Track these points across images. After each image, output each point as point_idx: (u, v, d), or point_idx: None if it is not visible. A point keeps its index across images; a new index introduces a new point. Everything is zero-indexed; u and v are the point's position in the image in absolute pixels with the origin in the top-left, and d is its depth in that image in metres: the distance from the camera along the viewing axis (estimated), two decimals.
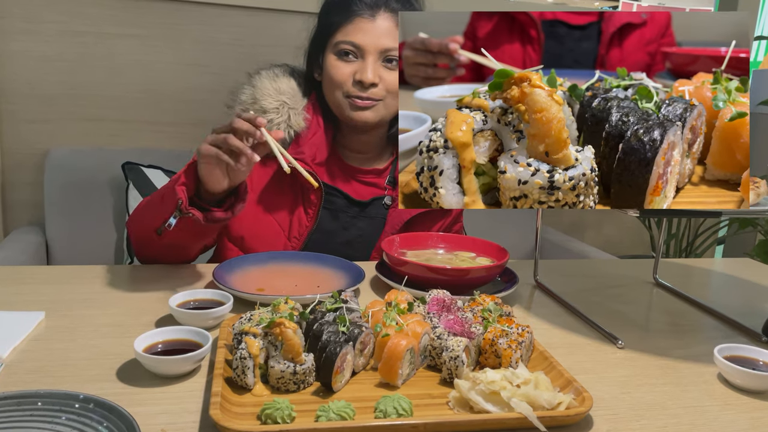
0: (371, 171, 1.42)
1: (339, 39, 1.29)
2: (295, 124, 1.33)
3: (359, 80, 1.28)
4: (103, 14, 1.98)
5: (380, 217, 1.40)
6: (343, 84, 1.30)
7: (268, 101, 1.31)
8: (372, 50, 1.28)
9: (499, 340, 0.84)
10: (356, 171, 1.41)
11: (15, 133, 1.99)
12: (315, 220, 1.34)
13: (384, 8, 1.29)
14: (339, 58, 1.30)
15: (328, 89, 1.34)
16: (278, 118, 1.31)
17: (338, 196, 1.38)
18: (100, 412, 0.64)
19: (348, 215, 1.38)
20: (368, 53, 1.28)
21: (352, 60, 1.29)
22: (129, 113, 2.06)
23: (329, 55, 1.31)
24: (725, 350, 0.90)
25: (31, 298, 1.05)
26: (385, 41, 1.28)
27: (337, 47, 1.30)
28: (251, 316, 0.84)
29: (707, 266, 1.57)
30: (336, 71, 1.30)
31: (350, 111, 1.31)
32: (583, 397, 0.76)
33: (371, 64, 1.28)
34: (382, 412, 0.71)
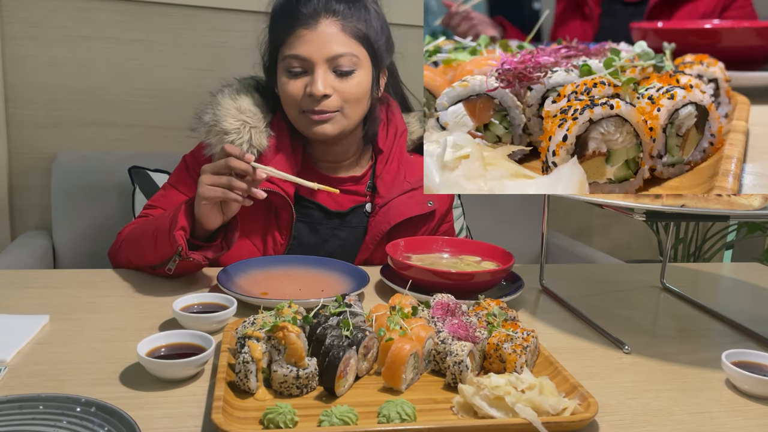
0: (348, 179, 1.39)
1: (285, 53, 1.25)
2: (257, 144, 1.28)
3: (310, 93, 1.23)
4: (109, 19, 1.98)
5: (362, 225, 1.37)
6: (296, 101, 1.26)
7: (229, 122, 1.26)
8: (319, 60, 1.23)
9: (504, 345, 0.83)
10: (333, 180, 1.37)
11: (22, 137, 2.00)
12: (289, 238, 1.32)
13: (324, 13, 1.23)
14: (288, 75, 1.26)
15: (285, 106, 1.30)
16: (239, 138, 1.26)
17: (314, 208, 1.35)
18: (102, 415, 0.64)
19: (327, 227, 1.36)
20: (316, 64, 1.23)
21: (301, 74, 1.25)
22: (136, 118, 2.07)
23: (280, 72, 1.28)
24: (733, 356, 0.89)
25: (36, 302, 1.05)
26: (332, 48, 1.23)
27: (285, 63, 1.26)
28: (254, 320, 0.84)
29: (715, 271, 1.55)
30: (287, 88, 1.26)
31: (308, 127, 1.28)
32: (588, 403, 0.75)
33: (321, 75, 1.23)
34: (386, 417, 0.71)
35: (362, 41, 1.27)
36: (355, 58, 1.25)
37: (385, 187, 1.36)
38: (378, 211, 1.35)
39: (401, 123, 1.44)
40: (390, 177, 1.37)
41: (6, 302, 1.04)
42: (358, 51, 1.26)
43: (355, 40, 1.26)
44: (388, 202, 1.35)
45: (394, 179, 1.37)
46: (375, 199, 1.37)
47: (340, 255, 1.34)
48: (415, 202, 1.37)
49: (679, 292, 1.28)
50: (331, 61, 1.23)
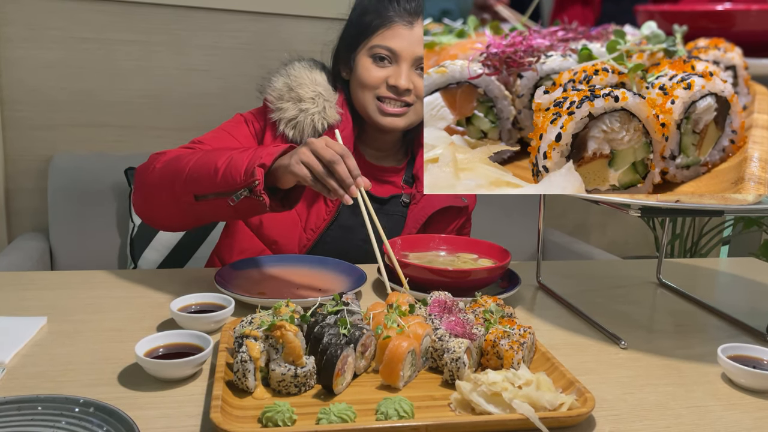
0: (389, 169, 1.43)
1: (375, 43, 1.30)
2: (330, 116, 1.33)
3: (394, 85, 1.29)
4: (105, 20, 1.98)
5: (398, 215, 1.41)
6: (375, 87, 1.31)
7: (305, 90, 1.31)
8: (408, 57, 1.29)
9: (501, 342, 0.84)
10: (375, 168, 1.42)
11: (19, 139, 2.00)
12: (334, 213, 1.35)
13: (419, 16, 1.30)
14: (374, 61, 1.30)
15: (357, 90, 1.34)
16: (314, 107, 1.31)
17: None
18: (100, 416, 0.64)
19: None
20: (403, 60, 1.29)
21: (386, 65, 1.30)
22: (132, 119, 2.07)
23: (362, 57, 1.32)
24: (729, 350, 0.90)
25: (34, 304, 1.05)
26: (420, 49, 1.29)
27: (372, 50, 1.30)
28: (252, 319, 0.84)
29: (711, 266, 1.56)
30: (369, 74, 1.30)
31: (379, 116, 1.32)
32: (585, 398, 0.75)
33: (405, 71, 1.29)
34: (384, 414, 0.71)
35: None
36: None
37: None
38: (420, 198, 1.41)
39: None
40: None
41: (4, 304, 1.04)
42: None
43: None
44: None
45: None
46: (418, 187, 1.43)
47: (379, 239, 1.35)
48: (451, 195, 1.43)
49: (675, 288, 1.29)
50: (417, 60, 1.29)
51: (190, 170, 1.13)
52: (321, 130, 1.32)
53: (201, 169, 1.12)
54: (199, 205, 1.14)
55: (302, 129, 1.31)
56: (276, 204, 1.11)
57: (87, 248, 1.95)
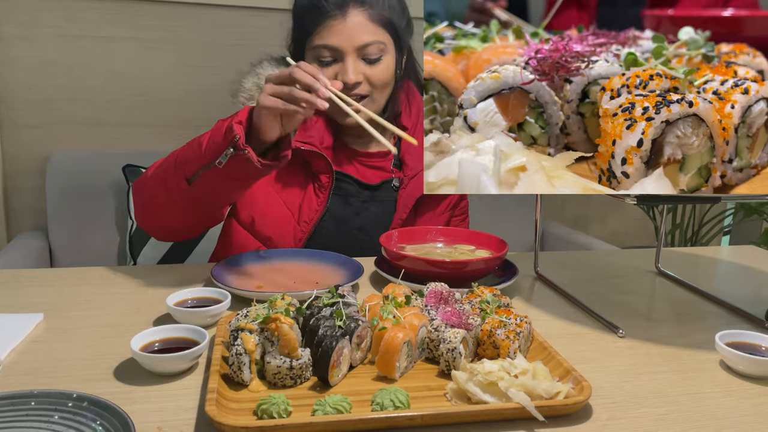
0: (376, 154, 1.42)
1: (315, 43, 1.28)
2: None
3: (342, 82, 1.25)
4: (100, 18, 1.98)
5: (390, 200, 1.41)
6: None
7: None
8: (349, 49, 1.27)
9: (497, 331, 0.83)
10: (361, 155, 1.42)
11: (16, 138, 2.00)
12: (326, 203, 1.34)
13: (352, 3, 1.27)
14: (319, 64, 1.29)
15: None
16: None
17: (348, 181, 1.38)
18: (94, 410, 0.64)
19: (359, 200, 1.39)
20: (346, 53, 1.27)
21: (332, 63, 1.28)
22: (129, 116, 2.07)
23: (309, 61, 1.30)
24: (727, 336, 0.90)
25: (30, 301, 1.05)
26: (361, 37, 1.27)
27: (315, 52, 1.29)
28: (247, 312, 0.84)
29: (711, 254, 1.55)
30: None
31: (340, 117, 1.32)
32: (582, 386, 0.75)
33: (351, 64, 1.27)
34: (379, 404, 0.71)
35: (387, 27, 1.31)
36: (382, 45, 1.30)
37: (413, 159, 1.41)
38: (408, 182, 1.40)
39: (421, 101, 1.47)
40: (416, 150, 1.41)
41: (0, 301, 1.04)
42: (384, 38, 1.31)
43: (381, 27, 1.30)
44: (417, 173, 1.40)
45: (421, 152, 1.41)
46: (405, 172, 1.41)
47: (372, 228, 1.37)
48: None
49: (674, 276, 1.28)
50: (360, 49, 1.27)
51: (178, 157, 1.15)
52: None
53: (187, 151, 1.14)
54: (193, 189, 1.13)
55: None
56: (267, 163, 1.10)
57: (86, 246, 1.95)
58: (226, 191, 1.17)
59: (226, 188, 1.15)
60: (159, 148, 2.06)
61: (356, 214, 1.38)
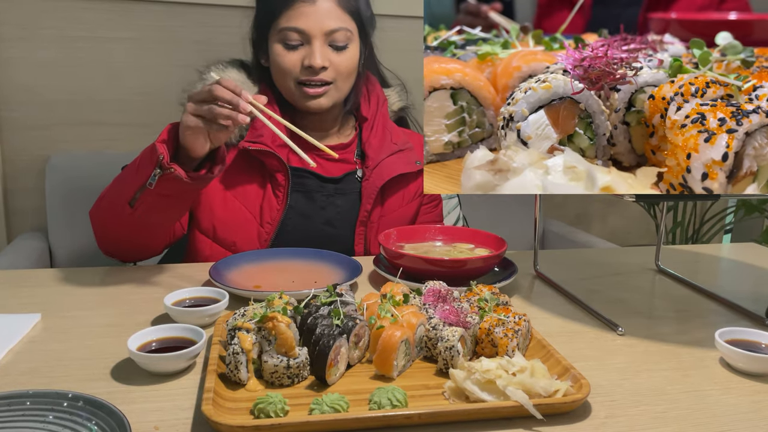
0: (336, 147, 1.41)
1: (282, 26, 1.28)
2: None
3: (308, 65, 1.27)
4: (98, 18, 1.98)
5: (355, 191, 1.40)
6: (292, 71, 1.30)
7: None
8: (317, 34, 1.27)
9: (495, 329, 0.83)
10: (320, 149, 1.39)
11: (15, 140, 1.99)
12: (286, 201, 1.33)
13: None
14: (285, 47, 1.29)
15: (278, 78, 1.34)
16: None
17: (308, 176, 1.37)
18: (90, 409, 0.64)
19: (323, 194, 1.38)
20: (314, 37, 1.27)
21: (299, 47, 1.29)
22: (128, 117, 2.06)
23: (274, 44, 1.31)
24: (726, 334, 0.89)
25: (28, 301, 1.05)
26: (329, 23, 1.27)
27: (281, 35, 1.29)
28: (245, 311, 0.83)
29: (711, 252, 1.55)
30: (283, 59, 1.29)
31: (303, 101, 1.32)
32: (580, 384, 0.75)
33: (318, 48, 1.27)
34: (377, 403, 0.71)
35: (354, 16, 1.33)
36: (349, 33, 1.31)
37: (374, 150, 1.41)
38: (370, 174, 1.39)
39: (381, 93, 1.48)
40: (377, 141, 1.42)
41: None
42: (350, 26, 1.32)
43: (349, 14, 1.31)
44: (378, 163, 1.39)
45: (381, 143, 1.42)
46: (366, 163, 1.41)
47: (339, 222, 1.37)
48: (403, 162, 1.42)
49: (674, 274, 1.28)
50: (328, 35, 1.28)
51: (119, 182, 1.18)
52: (245, 126, 1.32)
53: (124, 174, 1.17)
54: (136, 211, 1.15)
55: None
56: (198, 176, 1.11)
57: (86, 247, 1.94)
58: (168, 209, 1.19)
59: (167, 206, 1.17)
60: None
61: (321, 209, 1.37)
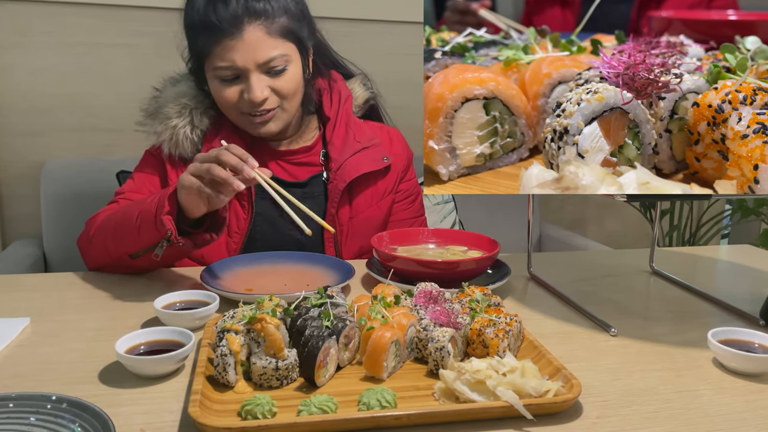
0: (300, 150, 1.39)
1: (214, 64, 1.23)
2: (199, 124, 1.31)
3: (249, 100, 1.24)
4: (93, 25, 1.98)
5: (322, 194, 1.38)
6: (235, 105, 1.26)
7: (170, 107, 1.30)
8: (251, 67, 1.22)
9: (486, 330, 0.82)
10: (285, 154, 1.38)
11: (11, 146, 1.99)
12: (251, 211, 1.32)
13: (247, 18, 1.20)
14: (221, 82, 1.25)
15: (223, 110, 1.31)
16: (182, 121, 1.29)
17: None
18: (74, 411, 0.63)
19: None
20: (249, 71, 1.22)
21: (235, 81, 1.24)
22: (123, 122, 2.06)
23: (211, 79, 1.27)
24: (719, 334, 0.89)
25: (18, 305, 1.04)
26: (261, 54, 1.21)
27: (215, 72, 1.24)
28: (234, 313, 0.83)
29: (707, 254, 1.54)
30: (222, 95, 1.26)
31: (253, 128, 1.30)
32: (571, 384, 0.74)
33: (255, 81, 1.23)
34: (365, 404, 0.70)
35: (288, 36, 1.26)
36: (286, 56, 1.25)
37: (336, 150, 1.38)
38: (334, 175, 1.36)
39: (345, 89, 1.45)
40: (339, 141, 1.39)
41: None
42: (286, 48, 1.25)
43: (282, 38, 1.24)
44: (341, 164, 1.37)
45: (344, 142, 1.39)
46: (329, 165, 1.38)
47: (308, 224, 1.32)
48: (369, 160, 1.39)
49: (668, 275, 1.27)
50: (262, 65, 1.23)
51: (114, 232, 1.16)
52: (198, 139, 1.31)
53: (123, 229, 1.14)
54: (138, 261, 1.16)
55: (180, 143, 1.30)
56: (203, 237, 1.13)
57: None
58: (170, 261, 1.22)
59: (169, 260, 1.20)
60: None
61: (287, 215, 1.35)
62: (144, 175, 1.35)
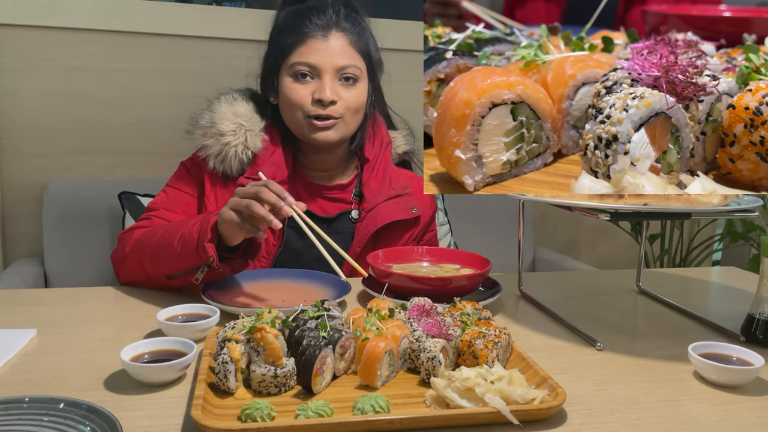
0: (335, 186, 1.45)
1: (294, 61, 1.33)
2: (252, 145, 1.37)
3: (318, 99, 1.31)
4: (99, 50, 2.04)
5: (348, 231, 1.42)
6: (302, 105, 1.33)
7: (225, 124, 1.35)
8: (328, 69, 1.32)
9: (476, 341, 0.86)
10: (321, 188, 1.44)
11: (15, 167, 2.03)
12: (282, 238, 1.36)
13: (335, 28, 1.34)
14: (295, 80, 1.33)
15: (286, 111, 1.37)
16: (235, 140, 1.35)
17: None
18: (83, 413, 0.67)
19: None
20: (325, 72, 1.32)
21: (309, 81, 1.33)
22: (126, 145, 2.11)
23: (285, 78, 1.35)
24: (700, 348, 0.92)
25: (24, 318, 1.08)
26: (340, 59, 1.32)
27: (292, 69, 1.33)
28: (234, 324, 0.87)
29: (693, 275, 1.59)
30: (294, 93, 1.33)
31: (311, 132, 1.35)
32: (556, 392, 0.77)
33: (329, 83, 1.32)
34: (360, 409, 0.73)
35: (364, 56, 1.38)
36: (358, 70, 1.36)
37: (372, 193, 1.43)
38: (365, 215, 1.41)
39: (386, 135, 1.51)
40: (376, 184, 1.44)
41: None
42: (360, 64, 1.37)
43: (359, 53, 1.37)
44: (374, 206, 1.42)
45: (380, 186, 1.44)
46: (362, 204, 1.43)
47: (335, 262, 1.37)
48: (400, 207, 1.44)
49: (654, 294, 1.31)
50: (338, 70, 1.33)
51: (153, 253, 1.20)
52: (246, 160, 1.36)
53: (162, 251, 1.18)
54: (175, 282, 1.20)
55: (228, 162, 1.35)
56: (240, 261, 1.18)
57: (81, 273, 1.96)
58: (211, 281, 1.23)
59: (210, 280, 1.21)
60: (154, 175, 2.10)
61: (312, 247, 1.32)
62: (178, 190, 1.39)
